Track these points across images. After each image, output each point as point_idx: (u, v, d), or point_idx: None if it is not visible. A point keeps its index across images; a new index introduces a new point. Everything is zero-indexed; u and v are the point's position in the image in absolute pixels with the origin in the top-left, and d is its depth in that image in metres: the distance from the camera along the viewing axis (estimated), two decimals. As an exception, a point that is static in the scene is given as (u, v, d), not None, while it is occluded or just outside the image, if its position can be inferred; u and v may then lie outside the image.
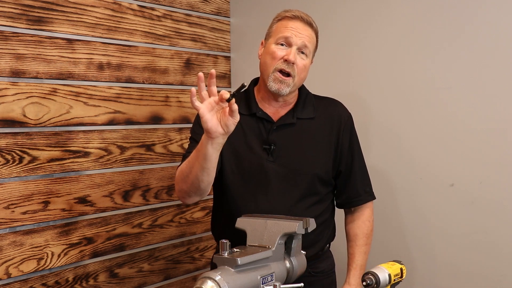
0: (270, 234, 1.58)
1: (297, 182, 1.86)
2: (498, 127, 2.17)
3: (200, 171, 1.64)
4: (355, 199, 1.98)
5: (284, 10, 1.89)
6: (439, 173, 2.30)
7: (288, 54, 1.81)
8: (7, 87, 1.98)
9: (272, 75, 1.82)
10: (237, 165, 1.86)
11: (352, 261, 1.96)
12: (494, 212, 2.19)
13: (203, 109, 1.54)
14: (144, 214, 2.47)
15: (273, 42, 1.84)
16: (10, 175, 2.00)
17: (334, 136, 1.91)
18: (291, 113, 1.90)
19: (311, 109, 1.92)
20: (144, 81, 2.44)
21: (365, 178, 2.01)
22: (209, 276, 1.39)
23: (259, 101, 1.91)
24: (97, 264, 2.29)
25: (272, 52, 1.83)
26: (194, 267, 2.70)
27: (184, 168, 1.72)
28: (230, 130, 1.56)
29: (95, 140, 2.26)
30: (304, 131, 1.89)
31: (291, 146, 1.87)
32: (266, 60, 1.84)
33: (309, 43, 1.85)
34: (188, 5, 2.62)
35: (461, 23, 2.23)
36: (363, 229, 1.98)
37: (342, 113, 1.96)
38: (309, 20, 1.86)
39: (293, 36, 1.82)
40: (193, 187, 1.70)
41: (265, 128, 1.88)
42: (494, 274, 2.20)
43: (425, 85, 2.32)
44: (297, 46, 1.82)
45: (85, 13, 2.20)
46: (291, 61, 1.80)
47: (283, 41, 1.83)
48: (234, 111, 1.53)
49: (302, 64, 1.83)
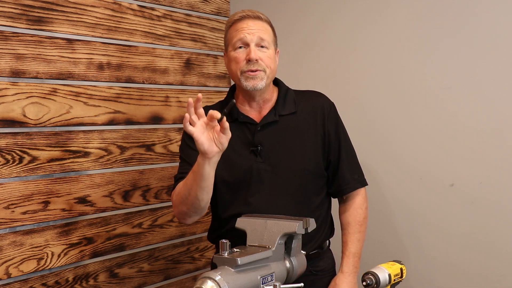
0: (270, 234, 1.58)
1: (289, 179, 1.87)
2: (498, 127, 2.17)
3: (199, 191, 1.71)
4: (345, 187, 1.97)
5: (232, 15, 1.94)
6: (439, 173, 2.30)
7: (248, 53, 1.84)
8: (7, 87, 1.98)
9: (242, 76, 1.85)
10: (228, 172, 1.87)
11: (346, 249, 1.96)
12: (494, 212, 2.19)
13: (196, 133, 1.61)
14: (144, 214, 2.47)
15: (232, 48, 1.88)
16: (10, 175, 2.00)
17: (319, 127, 1.92)
18: (272, 112, 1.92)
19: (292, 104, 1.94)
20: (144, 81, 2.44)
21: (354, 165, 2.00)
22: (209, 276, 1.39)
23: (240, 107, 1.94)
24: (97, 264, 2.29)
25: (234, 57, 1.87)
26: (194, 267, 2.70)
27: (182, 190, 1.78)
28: (224, 146, 1.64)
29: (95, 140, 2.26)
30: (288, 127, 1.91)
31: (278, 144, 1.89)
32: (232, 67, 1.89)
33: (264, 35, 1.87)
34: (188, 5, 2.63)
35: (460, 23, 2.23)
36: (355, 216, 1.97)
37: (325, 103, 1.97)
38: (256, 14, 1.89)
39: (247, 35, 1.85)
40: (193, 207, 1.77)
41: (250, 131, 1.90)
42: (494, 274, 2.20)
43: (425, 85, 2.32)
44: (255, 43, 1.85)
45: (85, 13, 2.20)
46: (254, 58, 1.83)
47: (240, 43, 1.86)
48: (226, 128, 1.61)
49: (266, 56, 1.86)
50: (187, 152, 1.89)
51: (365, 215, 1.99)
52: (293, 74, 2.50)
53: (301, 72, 2.59)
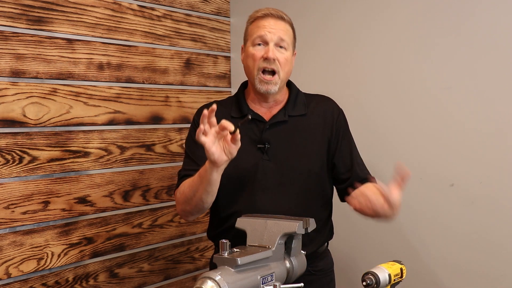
0: (270, 234, 1.58)
1: (294, 179, 1.88)
2: (498, 127, 2.17)
3: (205, 194, 1.75)
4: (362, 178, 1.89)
5: (255, 11, 1.92)
6: (439, 173, 2.30)
7: (266, 52, 1.84)
8: (7, 87, 1.98)
9: (257, 77, 1.86)
10: (233, 167, 1.87)
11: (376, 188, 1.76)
12: (494, 212, 2.19)
13: (208, 143, 1.62)
14: (144, 214, 2.47)
15: (251, 44, 1.88)
16: (10, 175, 2.00)
17: (327, 130, 1.93)
18: (282, 111, 1.92)
19: (302, 106, 1.95)
20: (144, 81, 2.44)
21: (364, 168, 1.98)
22: (209, 276, 1.39)
23: (250, 103, 1.94)
24: (97, 264, 2.29)
25: (251, 54, 1.87)
26: (194, 267, 2.70)
27: (187, 191, 1.80)
28: (233, 155, 1.66)
29: (95, 140, 2.26)
30: (296, 128, 1.91)
31: (285, 144, 1.89)
32: (248, 63, 1.89)
33: (285, 36, 1.87)
34: (188, 5, 2.63)
35: (460, 23, 2.23)
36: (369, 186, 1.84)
37: (334, 108, 1.98)
38: (280, 14, 1.88)
39: (268, 33, 1.85)
40: (196, 208, 1.81)
41: (258, 128, 1.90)
42: (494, 273, 2.20)
43: (425, 85, 2.32)
44: (274, 42, 1.85)
45: (85, 13, 2.20)
46: (271, 58, 1.83)
47: (260, 41, 1.86)
48: (237, 140, 1.63)
49: (283, 58, 1.86)
50: (193, 148, 1.89)
51: None
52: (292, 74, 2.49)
53: (301, 72, 2.59)
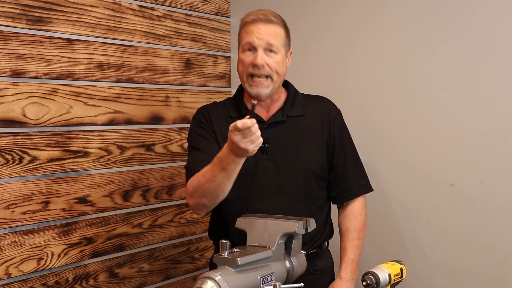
0: (270, 234, 1.58)
1: (293, 178, 1.88)
2: (498, 127, 2.17)
3: (229, 185, 1.73)
4: (347, 194, 1.98)
5: (246, 14, 1.90)
6: (439, 173, 2.30)
7: (254, 58, 1.83)
8: (7, 87, 1.98)
9: (247, 81, 1.87)
10: None
11: (344, 255, 1.96)
12: (494, 212, 2.19)
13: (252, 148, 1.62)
14: (144, 214, 2.47)
15: (241, 50, 1.89)
16: (10, 175, 2.00)
17: (325, 131, 1.94)
18: (281, 112, 1.93)
19: (300, 107, 1.95)
20: (144, 81, 2.44)
21: (360, 171, 2.01)
22: (209, 276, 1.39)
23: (248, 104, 1.95)
24: (97, 264, 2.29)
25: (241, 60, 1.88)
26: (194, 267, 2.70)
27: (206, 185, 1.75)
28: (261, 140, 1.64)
29: (95, 140, 2.26)
30: (295, 128, 1.92)
31: (284, 143, 1.90)
32: (239, 68, 1.90)
33: (273, 40, 1.85)
34: (188, 5, 2.62)
35: (460, 23, 2.23)
36: (354, 223, 1.98)
37: (332, 109, 1.99)
38: (268, 17, 1.86)
39: (255, 40, 1.84)
40: (216, 200, 1.79)
41: None
42: (494, 274, 2.20)
43: (425, 85, 2.31)
44: (263, 48, 1.84)
45: (85, 13, 2.20)
46: (260, 64, 1.83)
47: (249, 47, 1.86)
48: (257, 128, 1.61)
49: (273, 61, 1.85)
50: (198, 140, 1.90)
51: (364, 222, 2.00)
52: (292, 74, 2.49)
53: (301, 72, 2.59)
